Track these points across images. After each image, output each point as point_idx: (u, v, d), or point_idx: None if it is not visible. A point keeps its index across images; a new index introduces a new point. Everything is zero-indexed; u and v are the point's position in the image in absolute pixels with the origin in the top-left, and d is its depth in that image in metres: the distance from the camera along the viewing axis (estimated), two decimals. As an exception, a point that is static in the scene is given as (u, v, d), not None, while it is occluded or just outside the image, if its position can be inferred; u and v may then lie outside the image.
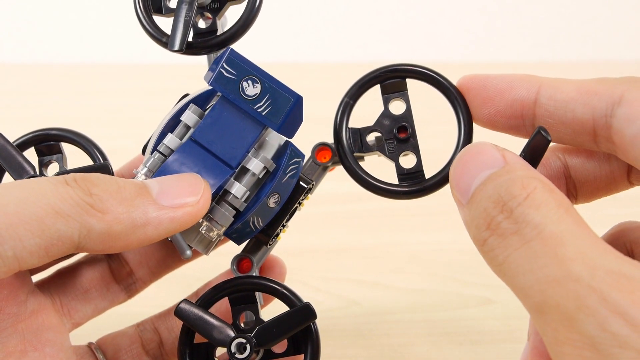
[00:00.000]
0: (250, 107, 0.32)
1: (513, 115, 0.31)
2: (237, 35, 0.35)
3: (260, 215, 0.33)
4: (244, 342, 0.32)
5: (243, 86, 0.32)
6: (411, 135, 0.34)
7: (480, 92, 0.32)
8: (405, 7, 1.07)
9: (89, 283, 0.37)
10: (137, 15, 0.35)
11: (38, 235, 0.26)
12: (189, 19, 0.33)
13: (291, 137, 0.34)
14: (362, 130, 0.34)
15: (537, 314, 0.23)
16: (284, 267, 0.39)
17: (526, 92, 0.30)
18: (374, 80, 0.34)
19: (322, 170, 0.36)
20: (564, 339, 0.22)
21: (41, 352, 0.32)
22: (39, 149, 0.37)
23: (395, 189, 0.33)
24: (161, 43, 0.35)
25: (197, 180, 0.30)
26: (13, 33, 1.04)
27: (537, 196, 0.25)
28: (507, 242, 0.25)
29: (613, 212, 0.40)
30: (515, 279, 0.24)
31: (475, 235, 0.26)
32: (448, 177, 0.32)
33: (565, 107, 0.29)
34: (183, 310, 0.33)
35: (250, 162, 0.33)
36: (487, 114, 0.31)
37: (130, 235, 0.28)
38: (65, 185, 0.27)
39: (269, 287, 0.35)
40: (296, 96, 0.33)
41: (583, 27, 1.08)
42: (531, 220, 0.24)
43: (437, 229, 0.60)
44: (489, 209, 0.26)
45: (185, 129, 0.33)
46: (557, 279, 0.23)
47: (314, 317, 0.33)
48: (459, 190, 0.28)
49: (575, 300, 0.22)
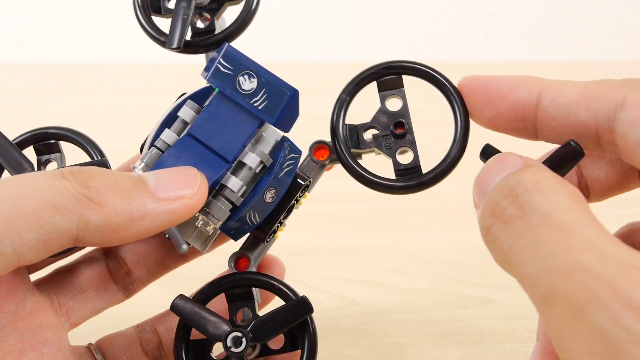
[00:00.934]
0: (247, 102, 0.32)
1: (515, 118, 0.30)
2: (234, 35, 0.35)
3: (257, 210, 0.33)
4: (239, 335, 0.32)
5: (239, 81, 0.32)
6: (408, 131, 0.34)
7: (482, 93, 0.31)
8: (405, 7, 1.07)
9: (86, 282, 0.37)
10: (135, 15, 0.36)
11: (36, 229, 0.26)
12: (187, 17, 0.34)
13: (287, 131, 0.34)
14: (359, 126, 0.34)
15: (544, 305, 0.23)
16: (283, 267, 0.39)
17: (528, 95, 0.30)
18: (370, 77, 0.34)
19: (320, 168, 0.36)
20: (572, 333, 0.21)
21: (39, 352, 0.32)
22: (37, 148, 0.37)
23: (392, 184, 0.33)
24: (160, 42, 0.35)
25: (194, 172, 0.30)
26: (13, 33, 1.04)
27: (547, 184, 0.24)
28: (512, 229, 0.24)
29: (622, 212, 0.40)
30: (521, 268, 0.23)
31: (480, 226, 0.26)
32: (445, 171, 0.32)
33: (567, 111, 0.29)
34: (178, 305, 0.33)
35: (247, 156, 0.33)
36: (488, 115, 0.31)
37: (128, 228, 0.28)
38: (61, 179, 0.27)
39: (264, 282, 0.34)
40: (292, 90, 0.33)
41: (583, 27, 1.08)
42: (538, 207, 0.23)
43: (437, 229, 0.60)
44: (494, 197, 0.25)
45: (182, 124, 0.33)
46: (566, 269, 0.22)
47: (311, 311, 0.33)
48: (478, 193, 0.28)
49: (585, 291, 0.21)
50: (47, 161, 0.38)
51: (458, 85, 0.33)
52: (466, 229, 0.59)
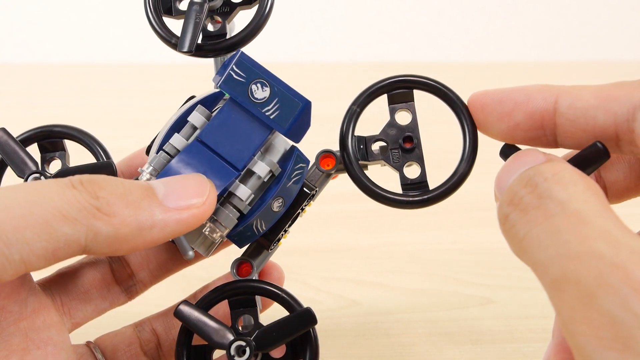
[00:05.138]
0: (259, 110, 0.32)
1: (533, 127, 0.30)
2: (246, 40, 0.35)
3: (264, 219, 0.33)
4: (243, 345, 0.32)
5: (252, 89, 0.32)
6: (416, 146, 0.34)
7: (496, 107, 0.31)
8: (405, 7, 1.07)
9: (90, 284, 0.37)
10: (147, 16, 0.35)
11: (45, 238, 0.26)
12: (199, 21, 0.33)
13: (298, 141, 0.34)
14: (368, 138, 0.34)
15: (555, 290, 0.23)
16: (282, 273, 0.39)
17: (544, 102, 0.30)
18: (382, 90, 0.34)
19: (326, 177, 0.36)
20: (581, 318, 0.21)
21: (43, 351, 0.32)
22: (42, 145, 0.37)
23: (400, 199, 0.34)
24: (170, 44, 0.35)
25: (203, 180, 0.30)
26: (13, 33, 1.04)
27: (566, 175, 0.25)
28: (529, 217, 0.24)
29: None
30: (535, 254, 0.24)
31: (498, 215, 0.26)
32: (452, 188, 0.32)
33: (585, 115, 0.29)
34: (183, 312, 0.33)
35: (256, 165, 0.33)
36: (505, 128, 0.31)
37: (136, 238, 0.28)
38: (72, 189, 0.27)
39: (269, 291, 0.34)
40: (305, 101, 0.33)
41: (583, 27, 1.08)
42: (556, 196, 0.24)
43: (437, 229, 0.60)
44: (514, 187, 0.26)
45: (191, 129, 0.33)
46: (579, 255, 0.22)
47: (314, 323, 0.33)
48: (498, 186, 0.28)
49: (597, 277, 0.21)
50: (51, 159, 0.38)
51: (468, 102, 0.33)
52: (466, 228, 0.59)
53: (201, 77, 0.34)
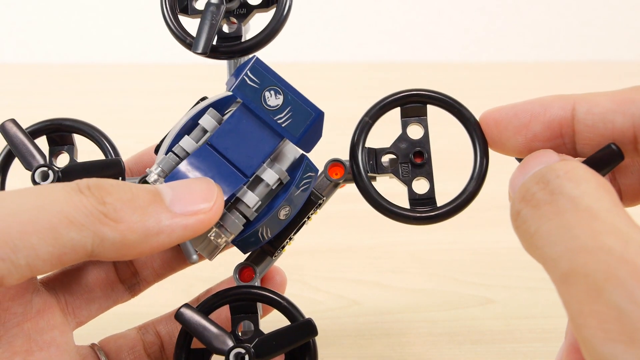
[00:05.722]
0: (271, 118, 0.32)
1: (552, 136, 0.30)
2: (262, 44, 0.35)
3: (270, 227, 0.33)
4: (242, 352, 0.32)
5: (265, 96, 0.32)
6: (426, 162, 0.34)
7: (512, 120, 0.31)
8: (405, 7, 1.07)
9: (94, 283, 0.37)
10: (162, 14, 0.35)
11: (51, 244, 0.26)
12: (215, 22, 0.33)
13: (308, 151, 0.33)
14: (378, 150, 0.34)
15: (563, 284, 0.23)
16: (285, 278, 0.39)
17: (562, 110, 0.30)
18: (395, 103, 0.34)
19: (333, 187, 0.36)
20: (588, 311, 0.21)
21: (47, 352, 0.32)
22: (51, 138, 0.37)
23: (408, 214, 0.33)
24: (184, 44, 0.35)
25: (211, 186, 0.30)
26: (13, 33, 1.04)
27: (579, 173, 0.25)
28: (540, 212, 0.24)
29: None
30: (546, 249, 0.24)
31: (511, 212, 0.26)
32: (461, 206, 0.33)
33: (604, 119, 0.29)
34: (184, 315, 0.33)
35: (265, 172, 0.32)
36: (523, 140, 0.31)
37: (143, 244, 0.28)
38: (79, 194, 0.27)
39: (272, 299, 0.34)
40: (318, 111, 0.32)
41: (583, 27, 1.08)
42: (568, 192, 0.24)
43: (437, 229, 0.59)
44: (527, 184, 0.26)
45: (202, 132, 0.33)
46: (588, 249, 0.22)
47: (315, 334, 0.33)
48: (512, 185, 0.28)
49: (605, 271, 0.21)
50: (59, 152, 0.37)
51: (480, 119, 0.33)
52: (466, 229, 0.59)
53: (201, 77, 0.34)
